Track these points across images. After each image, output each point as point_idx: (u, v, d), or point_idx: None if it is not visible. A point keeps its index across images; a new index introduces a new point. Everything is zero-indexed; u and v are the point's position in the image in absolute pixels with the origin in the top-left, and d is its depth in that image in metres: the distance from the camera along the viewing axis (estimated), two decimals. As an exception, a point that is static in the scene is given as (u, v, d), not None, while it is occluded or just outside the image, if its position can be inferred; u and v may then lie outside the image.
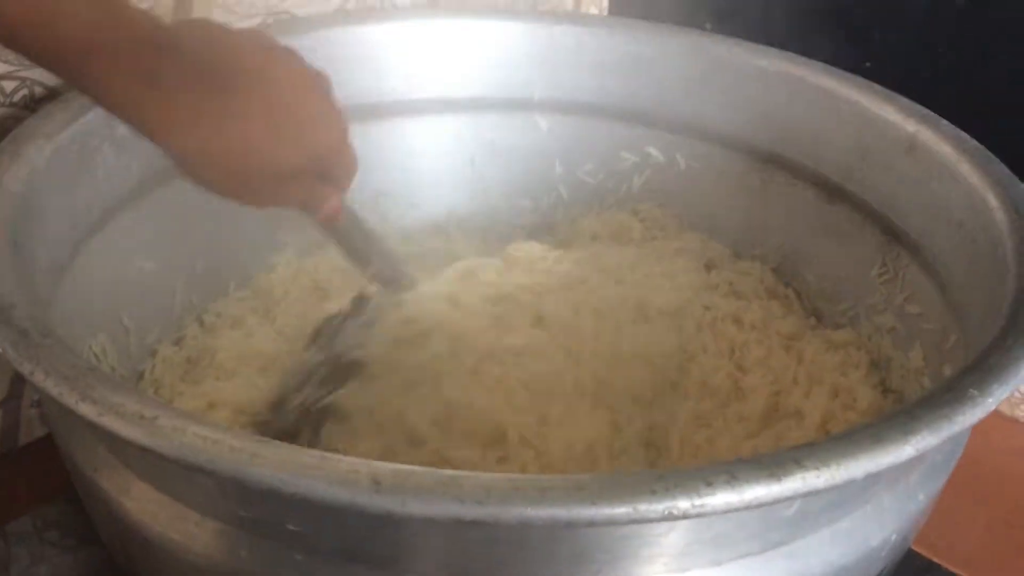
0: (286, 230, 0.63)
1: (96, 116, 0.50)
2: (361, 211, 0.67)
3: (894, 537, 0.36)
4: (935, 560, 0.56)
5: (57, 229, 0.46)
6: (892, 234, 0.55)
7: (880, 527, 0.35)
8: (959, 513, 0.60)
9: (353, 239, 0.50)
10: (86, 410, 0.29)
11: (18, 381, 0.60)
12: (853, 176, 0.57)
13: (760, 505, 0.27)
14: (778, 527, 0.32)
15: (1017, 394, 0.69)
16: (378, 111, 0.65)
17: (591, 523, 0.26)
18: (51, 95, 0.54)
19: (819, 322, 0.60)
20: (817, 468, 0.28)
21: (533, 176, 0.69)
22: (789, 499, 0.28)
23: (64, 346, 0.32)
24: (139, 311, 0.54)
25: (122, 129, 0.52)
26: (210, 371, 0.55)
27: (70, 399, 0.30)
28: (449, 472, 0.27)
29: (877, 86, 0.56)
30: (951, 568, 0.56)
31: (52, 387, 0.30)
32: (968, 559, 0.57)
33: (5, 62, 0.52)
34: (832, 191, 0.59)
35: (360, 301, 0.55)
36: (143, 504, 0.34)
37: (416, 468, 0.27)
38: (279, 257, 0.64)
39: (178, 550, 0.34)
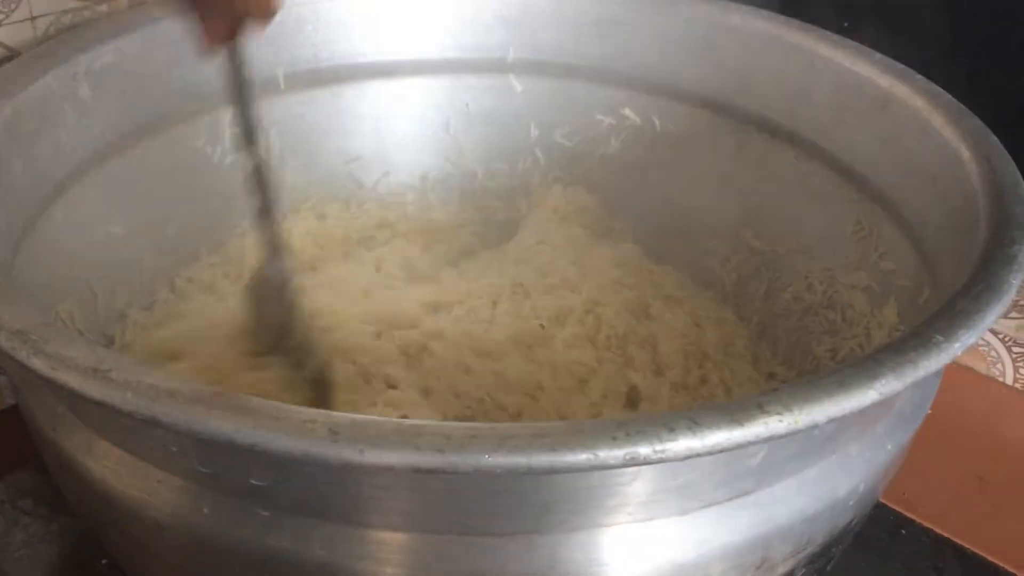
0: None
1: (56, 77, 0.49)
2: (330, 177, 0.67)
3: (862, 487, 0.36)
4: (909, 516, 0.57)
5: (17, 192, 0.46)
6: (867, 191, 0.55)
7: (847, 476, 0.35)
8: (933, 470, 0.60)
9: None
10: (39, 364, 0.29)
11: (-14, 349, 0.59)
12: (829, 134, 0.57)
13: (722, 450, 0.27)
14: (744, 476, 0.32)
15: (992, 353, 0.69)
16: (352, 74, 0.64)
17: (551, 470, 0.26)
18: (10, 56, 0.53)
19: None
20: (780, 413, 0.28)
21: (509, 139, 0.68)
22: (751, 444, 0.27)
23: (19, 301, 0.32)
24: (107, 276, 0.54)
25: (84, 90, 0.52)
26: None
27: (22, 353, 0.29)
28: (408, 421, 0.27)
29: (852, 42, 0.56)
30: (925, 524, 0.57)
31: (4, 341, 0.29)
32: (942, 515, 0.57)
33: (-39, 23, 0.51)
34: (808, 150, 0.58)
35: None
36: (104, 463, 0.34)
37: (375, 418, 0.27)
38: (250, 222, 0.63)
39: (141, 508, 0.33)
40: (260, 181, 0.44)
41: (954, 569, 0.54)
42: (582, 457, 0.26)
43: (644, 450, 0.26)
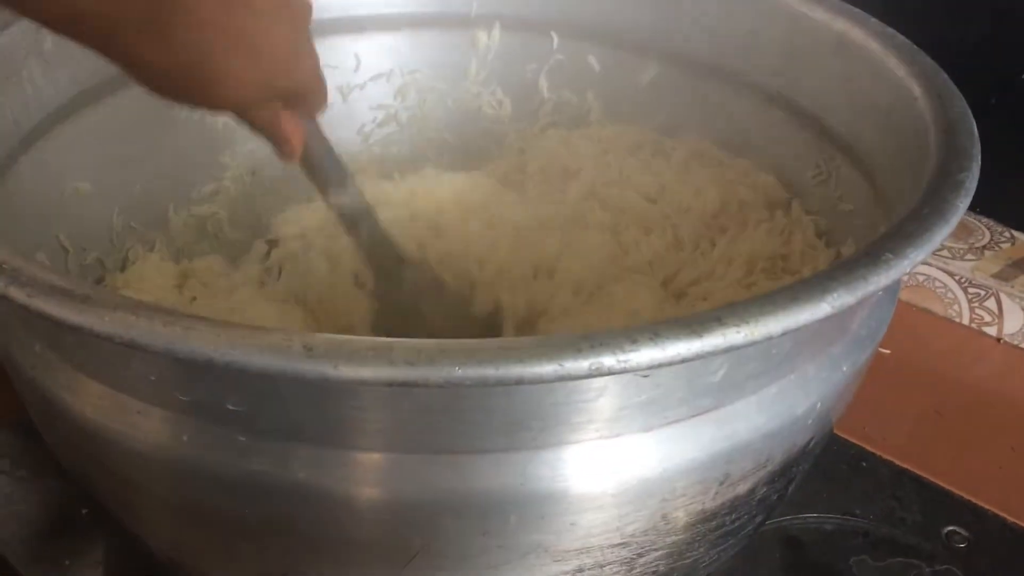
0: (229, 153, 0.63)
1: (20, 29, 0.49)
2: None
3: (819, 406, 0.37)
4: (870, 449, 0.59)
5: (-14, 142, 0.46)
6: (826, 135, 0.56)
7: (805, 395, 0.37)
8: (893, 406, 0.62)
9: (322, 163, 0.46)
10: (15, 293, 0.29)
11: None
12: (786, 79, 0.58)
13: (683, 360, 0.28)
14: (706, 393, 0.34)
15: (949, 294, 0.72)
16: (314, 29, 0.64)
17: (519, 381, 0.27)
18: (-27, 9, 0.52)
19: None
20: (737, 325, 0.29)
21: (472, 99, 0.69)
22: (710, 355, 0.29)
23: (-8, 238, 0.32)
24: (77, 232, 0.54)
25: (49, 43, 0.51)
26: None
27: (-1, 284, 0.30)
28: (381, 340, 0.28)
29: (805, -13, 0.57)
30: (885, 456, 0.59)
31: (-20, 274, 0.30)
32: (900, 447, 0.59)
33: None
34: (767, 96, 0.60)
35: None
36: (84, 398, 0.35)
37: (348, 337, 0.28)
38: (219, 182, 0.63)
39: (122, 440, 0.34)
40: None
41: (912, 497, 0.56)
42: (548, 368, 0.27)
43: (608, 360, 0.28)
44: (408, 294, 0.52)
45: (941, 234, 0.35)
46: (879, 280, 0.32)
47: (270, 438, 0.32)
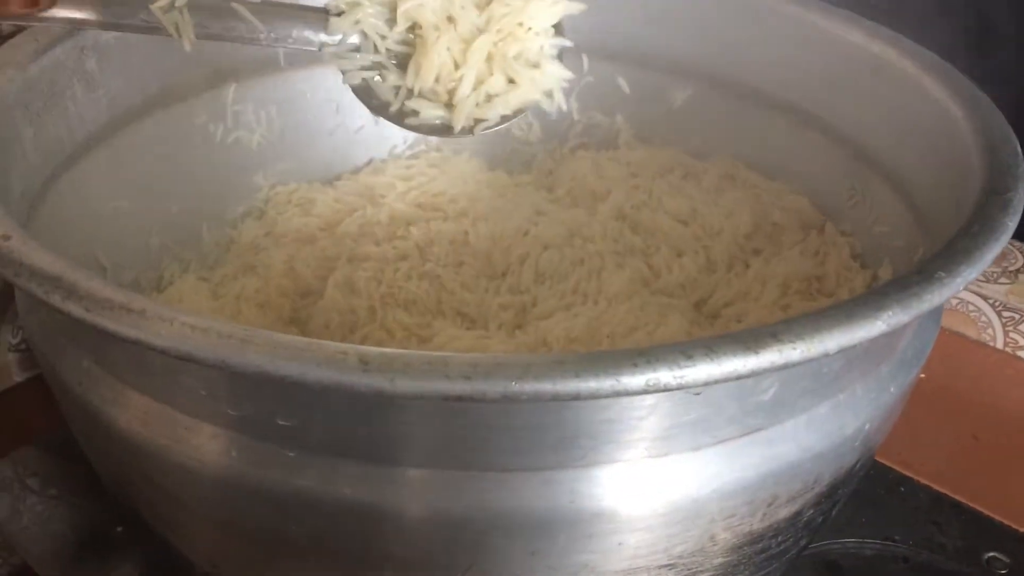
0: (262, 173, 0.63)
1: (64, 50, 0.50)
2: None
3: (867, 427, 0.37)
4: (908, 474, 0.58)
5: (29, 161, 0.46)
6: (861, 156, 0.56)
7: (854, 415, 0.36)
8: (930, 431, 0.62)
9: None
10: (73, 308, 0.29)
11: (-6, 326, 0.60)
12: (822, 101, 0.58)
13: (739, 377, 0.28)
14: (756, 412, 0.33)
15: (983, 318, 0.71)
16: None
17: (576, 396, 0.27)
18: (16, 31, 0.53)
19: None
20: (793, 342, 0.29)
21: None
22: (766, 371, 0.28)
23: (47, 249, 0.32)
24: (116, 251, 0.54)
25: (92, 63, 0.52)
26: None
27: (56, 298, 0.30)
28: (436, 353, 0.28)
29: (842, 10, 0.57)
30: (923, 481, 0.58)
31: (37, 287, 0.30)
32: (938, 472, 0.59)
33: (-30, -2, 0.51)
34: (803, 119, 0.60)
35: None
36: (131, 412, 0.35)
37: (403, 351, 0.28)
38: (254, 202, 0.63)
39: (168, 455, 0.34)
40: None
41: (951, 523, 0.55)
42: (605, 383, 0.27)
43: (664, 376, 0.27)
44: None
45: (992, 252, 0.34)
46: (932, 298, 0.32)
47: (318, 454, 0.32)
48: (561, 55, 0.52)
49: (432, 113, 0.50)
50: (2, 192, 0.40)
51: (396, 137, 0.69)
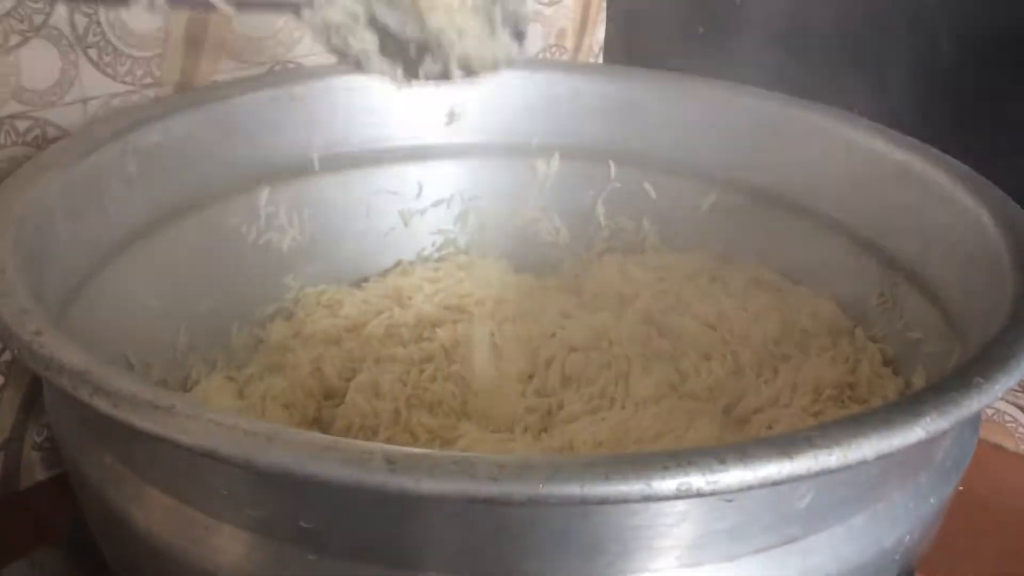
0: (292, 275, 0.64)
1: (107, 152, 0.51)
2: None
3: (907, 539, 0.36)
4: (947, 591, 0.56)
5: (67, 258, 0.47)
6: (890, 262, 0.56)
7: (893, 526, 0.35)
8: (968, 545, 0.59)
9: None
10: (100, 403, 0.29)
11: (20, 423, 0.60)
12: (847, 207, 0.58)
13: (773, 483, 0.27)
14: (792, 521, 0.32)
15: (1020, 429, 0.69)
16: (381, 157, 0.67)
17: (604, 500, 0.26)
18: (62, 136, 0.55)
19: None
20: (829, 447, 0.28)
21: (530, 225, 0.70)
22: (802, 478, 0.28)
23: (77, 345, 0.32)
24: (143, 349, 0.54)
25: (131, 166, 0.54)
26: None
27: (84, 392, 0.30)
28: (462, 453, 0.27)
29: (865, 120, 0.58)
30: (965, 599, 0.55)
31: (67, 382, 0.30)
32: (982, 589, 0.56)
33: (19, 102, 0.53)
34: (828, 223, 0.60)
35: None
36: (151, 511, 0.34)
37: (428, 451, 0.27)
38: (283, 303, 0.64)
39: (187, 556, 0.33)
40: None
41: (995, 643, 0.52)
42: (635, 487, 0.26)
43: (696, 481, 0.27)
44: None
45: (1030, 359, 0.34)
46: (970, 404, 0.31)
47: (339, 557, 0.31)
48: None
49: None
50: (38, 289, 0.41)
51: (424, 240, 0.69)
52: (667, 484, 0.27)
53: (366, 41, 0.38)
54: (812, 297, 0.60)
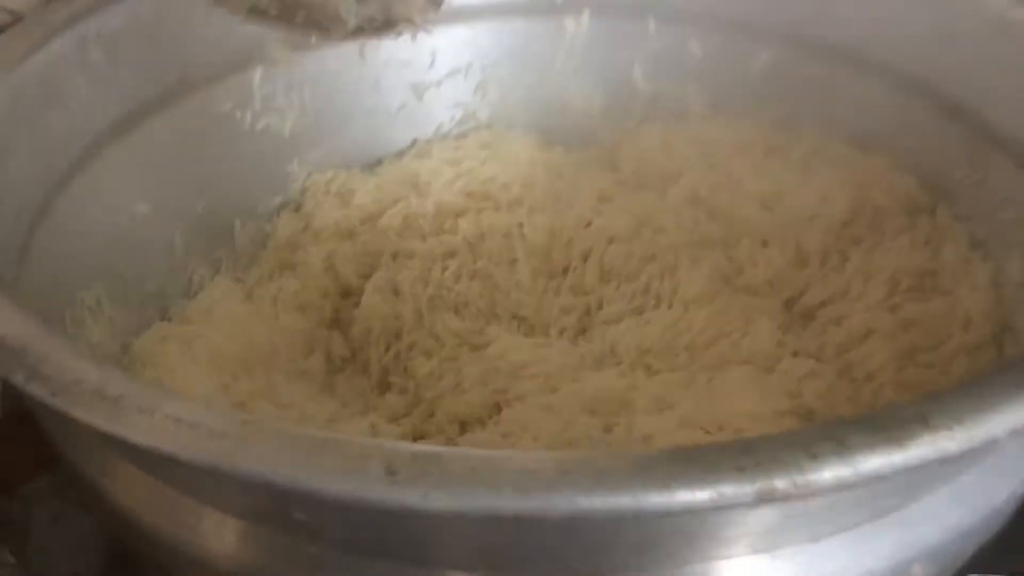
0: (296, 160, 0.58)
1: (63, 43, 0.45)
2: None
3: (1020, 489, 0.30)
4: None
5: (27, 175, 0.42)
6: (981, 129, 0.49)
7: (1004, 479, 0.29)
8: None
9: None
10: (36, 389, 0.24)
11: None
12: (931, 64, 0.51)
13: (880, 479, 0.22)
14: (890, 492, 0.27)
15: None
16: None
17: (663, 513, 0.21)
18: (12, 21, 0.48)
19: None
20: (949, 427, 0.22)
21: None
22: (916, 469, 0.22)
23: (14, 309, 0.27)
24: (136, 259, 0.50)
25: (96, 55, 0.47)
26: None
27: (19, 377, 0.24)
28: (481, 453, 0.22)
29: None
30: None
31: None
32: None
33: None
34: (907, 84, 0.52)
35: None
36: (134, 492, 0.30)
37: (441, 450, 0.22)
38: (289, 193, 0.58)
39: (175, 542, 0.29)
40: None
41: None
42: (702, 496, 0.21)
43: (781, 484, 0.21)
44: None
45: None
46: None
47: (343, 552, 0.27)
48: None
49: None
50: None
51: (441, 115, 0.63)
52: (744, 489, 0.21)
53: None
54: (887, 170, 0.53)
